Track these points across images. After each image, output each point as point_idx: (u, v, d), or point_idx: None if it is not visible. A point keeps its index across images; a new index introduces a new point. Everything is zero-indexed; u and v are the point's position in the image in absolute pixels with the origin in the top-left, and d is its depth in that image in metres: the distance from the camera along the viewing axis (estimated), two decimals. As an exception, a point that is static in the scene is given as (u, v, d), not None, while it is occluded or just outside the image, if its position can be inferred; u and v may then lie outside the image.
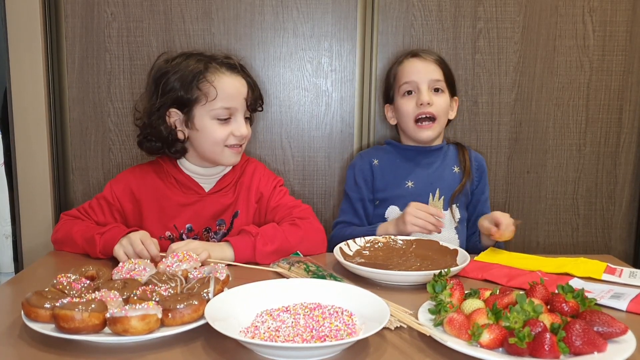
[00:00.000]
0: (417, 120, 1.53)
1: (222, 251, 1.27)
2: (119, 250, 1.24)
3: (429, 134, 1.54)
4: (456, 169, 1.59)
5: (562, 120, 1.78)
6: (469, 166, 1.59)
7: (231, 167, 1.48)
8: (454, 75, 1.60)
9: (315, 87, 1.74)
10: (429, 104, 1.50)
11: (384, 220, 1.54)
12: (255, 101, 1.44)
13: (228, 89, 1.36)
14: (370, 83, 1.74)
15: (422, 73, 1.52)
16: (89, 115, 1.71)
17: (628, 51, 1.75)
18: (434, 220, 1.37)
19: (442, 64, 1.56)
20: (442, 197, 1.56)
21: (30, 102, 1.63)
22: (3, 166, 1.62)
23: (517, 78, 1.75)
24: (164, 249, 1.38)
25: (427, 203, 1.54)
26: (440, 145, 1.61)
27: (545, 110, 1.78)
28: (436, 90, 1.53)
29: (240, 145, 1.42)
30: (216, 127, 1.36)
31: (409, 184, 1.55)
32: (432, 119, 1.52)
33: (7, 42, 1.60)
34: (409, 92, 1.54)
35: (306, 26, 1.71)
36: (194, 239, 1.41)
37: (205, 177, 1.45)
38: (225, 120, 1.37)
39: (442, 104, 1.53)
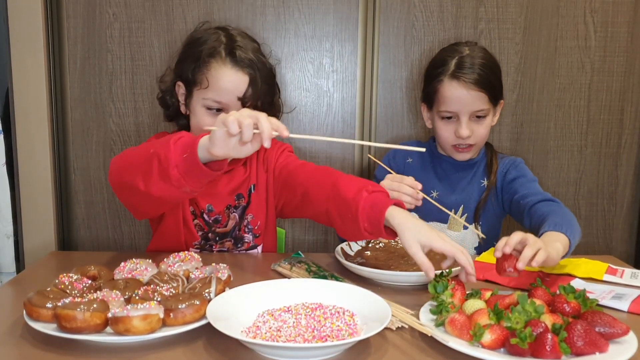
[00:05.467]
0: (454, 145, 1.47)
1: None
2: (217, 130, 0.99)
3: (465, 156, 1.49)
4: (485, 182, 1.52)
5: (563, 121, 1.78)
6: (495, 180, 1.50)
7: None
8: (501, 84, 1.48)
9: (317, 88, 1.75)
10: (468, 136, 1.43)
11: None
12: (256, 99, 1.31)
13: (222, 82, 1.30)
14: (372, 84, 1.74)
15: (463, 104, 1.41)
16: (90, 116, 1.71)
17: (629, 52, 1.75)
18: (410, 191, 1.27)
19: (486, 85, 1.41)
20: (466, 214, 1.51)
21: (31, 102, 1.63)
22: (5, 166, 1.62)
23: (519, 79, 1.75)
24: (191, 234, 1.37)
25: (447, 217, 1.49)
26: (475, 159, 1.53)
27: (546, 111, 1.77)
28: (478, 117, 1.44)
29: None
30: (205, 116, 1.31)
31: (434, 193, 1.51)
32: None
33: (9, 43, 1.61)
34: (449, 117, 1.45)
35: (307, 27, 1.71)
36: (216, 219, 1.39)
37: None
38: (215, 112, 1.30)
39: (482, 132, 1.45)
